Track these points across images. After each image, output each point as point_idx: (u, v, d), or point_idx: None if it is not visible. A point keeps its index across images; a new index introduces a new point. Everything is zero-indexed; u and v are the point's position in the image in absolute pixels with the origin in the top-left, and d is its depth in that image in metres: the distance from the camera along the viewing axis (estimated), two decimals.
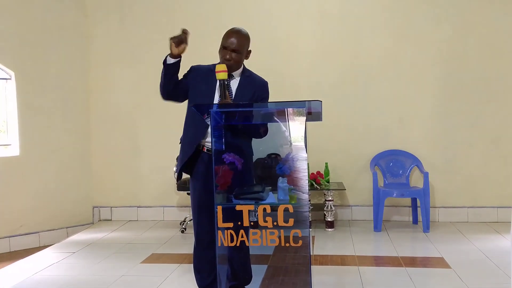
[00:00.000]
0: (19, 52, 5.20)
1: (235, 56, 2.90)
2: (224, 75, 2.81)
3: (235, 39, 2.88)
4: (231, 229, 2.64)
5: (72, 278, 3.85)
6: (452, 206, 5.47)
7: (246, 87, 2.99)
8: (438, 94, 5.45)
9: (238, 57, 2.91)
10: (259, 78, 3.07)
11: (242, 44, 2.91)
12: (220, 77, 2.81)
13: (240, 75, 3.01)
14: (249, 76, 3.03)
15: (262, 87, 3.05)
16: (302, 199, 2.69)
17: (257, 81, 3.04)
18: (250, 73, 3.06)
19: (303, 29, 5.58)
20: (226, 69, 2.82)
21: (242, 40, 2.91)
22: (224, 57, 2.89)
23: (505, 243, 4.53)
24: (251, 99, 2.96)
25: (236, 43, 2.88)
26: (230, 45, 2.88)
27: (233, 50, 2.89)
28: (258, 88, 3.03)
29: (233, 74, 2.98)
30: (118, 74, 5.80)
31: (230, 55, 2.89)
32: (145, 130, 5.79)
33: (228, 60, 2.88)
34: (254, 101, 2.96)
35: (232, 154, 2.78)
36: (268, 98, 3.08)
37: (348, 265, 4.03)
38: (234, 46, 2.88)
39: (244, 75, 3.02)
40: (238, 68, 2.98)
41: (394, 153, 5.49)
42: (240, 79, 3.01)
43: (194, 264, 3.17)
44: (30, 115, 5.25)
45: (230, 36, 2.90)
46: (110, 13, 5.78)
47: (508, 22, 5.32)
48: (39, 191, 5.30)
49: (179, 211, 5.77)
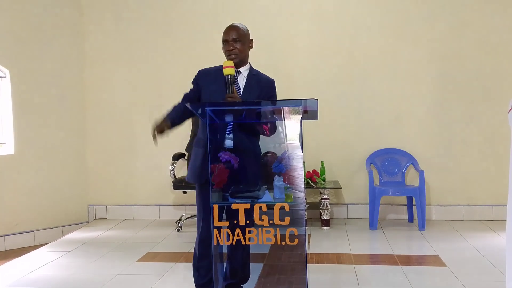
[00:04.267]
0: (14, 50, 5.17)
1: (239, 46, 2.95)
2: (231, 71, 2.84)
3: (235, 31, 2.96)
4: (227, 228, 2.64)
5: (67, 277, 3.84)
6: (447, 204, 5.48)
7: (253, 85, 3.02)
8: (434, 92, 5.46)
9: (242, 47, 2.96)
10: (266, 77, 3.10)
11: (242, 33, 2.98)
12: (227, 73, 2.83)
13: (248, 73, 3.04)
14: (256, 75, 3.06)
15: (269, 86, 3.09)
16: (298, 197, 2.69)
17: (264, 80, 3.08)
18: (257, 72, 3.09)
19: (298, 27, 5.58)
20: (233, 65, 2.86)
21: (241, 30, 2.98)
22: (228, 50, 2.95)
23: (500, 241, 4.54)
24: (259, 97, 2.99)
25: (237, 34, 2.95)
26: (231, 36, 2.94)
27: (234, 40, 2.94)
28: (265, 87, 3.06)
29: (241, 71, 3.01)
30: (114, 72, 5.79)
31: (233, 45, 2.94)
32: (141, 129, 5.77)
33: (232, 51, 2.94)
34: (261, 99, 2.99)
35: (228, 152, 2.78)
36: (276, 97, 3.12)
37: (344, 263, 4.04)
38: (235, 36, 2.95)
39: (251, 73, 3.05)
40: (245, 62, 3.02)
41: (390, 152, 5.50)
42: (248, 76, 3.04)
43: (194, 261, 3.16)
44: (25, 113, 5.23)
45: (229, 30, 2.97)
46: (105, 11, 5.76)
47: (503, 20, 5.34)
48: (34, 190, 5.28)
49: (175, 210, 5.77)
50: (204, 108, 2.71)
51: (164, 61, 5.71)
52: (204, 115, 2.71)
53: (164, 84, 5.71)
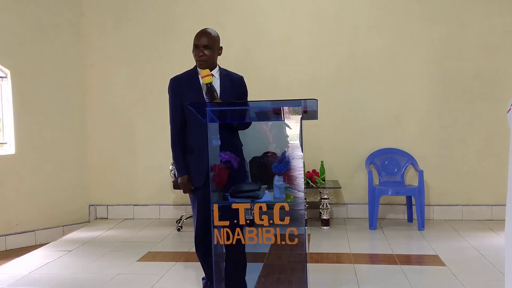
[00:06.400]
0: (15, 50, 5.19)
1: (208, 52, 3.03)
2: (210, 79, 3.00)
3: (206, 37, 3.03)
4: (227, 227, 2.66)
5: (68, 277, 3.85)
6: (446, 204, 5.49)
7: (228, 86, 3.12)
8: (433, 92, 5.47)
9: (211, 53, 3.04)
10: (236, 75, 3.21)
11: (213, 40, 3.05)
12: (207, 81, 3.00)
13: (219, 75, 3.13)
14: (226, 75, 3.16)
15: (240, 83, 3.20)
16: (297, 197, 2.70)
17: (235, 78, 3.19)
18: (226, 71, 3.19)
19: (298, 27, 5.59)
20: (210, 73, 3.00)
21: (212, 37, 3.05)
22: (198, 55, 3.03)
23: (499, 241, 4.55)
24: (235, 96, 3.09)
25: (207, 40, 3.02)
26: (202, 42, 3.02)
27: (204, 46, 3.02)
28: (237, 85, 3.17)
29: (213, 74, 3.08)
30: (114, 73, 5.80)
31: (202, 51, 3.02)
32: (141, 128, 5.79)
33: (201, 57, 3.02)
34: (236, 97, 3.09)
35: (228, 152, 2.79)
36: (247, 92, 3.22)
37: (344, 262, 4.05)
38: (205, 43, 3.02)
39: (222, 74, 3.14)
40: (214, 66, 3.10)
41: (389, 152, 5.51)
42: (220, 78, 3.13)
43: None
44: (26, 113, 5.24)
45: (200, 35, 3.05)
46: (106, 11, 5.77)
47: (502, 20, 5.34)
48: (35, 190, 5.29)
49: (175, 210, 5.78)
50: (205, 109, 2.75)
51: (164, 61, 5.72)
52: (205, 116, 2.75)
53: (164, 84, 5.70)
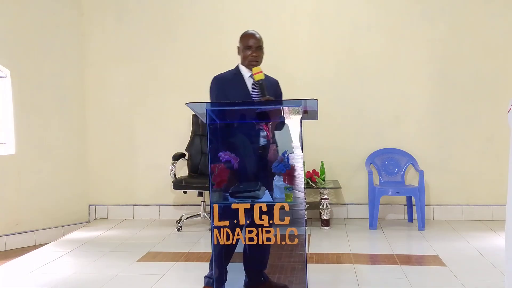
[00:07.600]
0: (15, 50, 5.18)
1: (260, 53, 3.19)
2: (262, 75, 3.09)
3: (256, 39, 3.18)
4: (227, 228, 2.66)
5: (68, 277, 3.85)
6: (447, 204, 5.49)
7: (269, 86, 3.20)
8: (433, 92, 5.47)
9: (261, 53, 3.21)
10: (272, 78, 3.35)
11: (261, 41, 3.22)
12: (259, 78, 3.08)
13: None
14: (266, 77, 3.23)
15: (277, 85, 3.36)
16: (298, 197, 2.71)
17: (272, 80, 3.33)
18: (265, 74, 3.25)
19: (298, 27, 5.58)
20: (261, 70, 3.11)
21: (260, 39, 3.21)
22: (252, 55, 3.16)
23: (499, 241, 4.55)
24: (274, 96, 3.16)
25: (258, 42, 3.18)
26: (254, 44, 3.16)
27: (257, 48, 3.17)
28: (275, 86, 3.33)
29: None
30: (114, 73, 5.79)
31: (256, 52, 3.16)
32: (141, 128, 5.79)
33: (256, 57, 3.15)
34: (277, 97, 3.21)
35: (228, 152, 2.79)
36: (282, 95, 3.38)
37: (344, 263, 4.04)
38: (257, 44, 3.17)
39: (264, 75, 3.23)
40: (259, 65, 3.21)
41: (390, 152, 5.51)
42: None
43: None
44: (26, 113, 5.24)
45: (251, 37, 3.18)
46: (106, 11, 5.77)
47: (502, 20, 5.34)
48: (35, 190, 5.29)
49: (175, 210, 5.78)
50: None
51: (164, 61, 5.72)
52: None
53: (164, 85, 5.72)
